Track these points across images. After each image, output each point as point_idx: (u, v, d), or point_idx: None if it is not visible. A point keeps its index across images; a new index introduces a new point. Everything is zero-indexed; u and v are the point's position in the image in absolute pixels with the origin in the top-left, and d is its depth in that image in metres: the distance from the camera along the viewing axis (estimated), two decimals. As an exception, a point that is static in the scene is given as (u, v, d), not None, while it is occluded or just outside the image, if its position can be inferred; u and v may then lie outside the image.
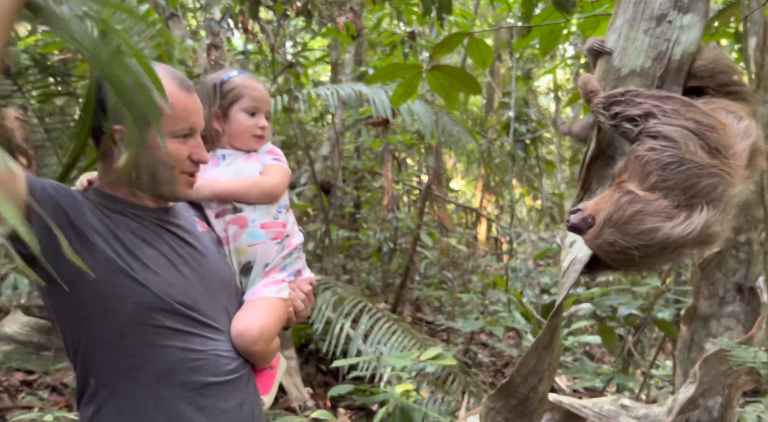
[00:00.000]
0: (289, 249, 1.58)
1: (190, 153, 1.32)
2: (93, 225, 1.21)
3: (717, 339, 1.95)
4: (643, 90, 1.34)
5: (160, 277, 1.25)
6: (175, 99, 1.26)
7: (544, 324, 1.61)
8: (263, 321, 1.41)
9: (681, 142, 1.19)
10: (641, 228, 1.16)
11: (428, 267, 6.97)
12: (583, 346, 5.22)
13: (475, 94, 2.87)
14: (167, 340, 1.24)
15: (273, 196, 1.57)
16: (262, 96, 1.61)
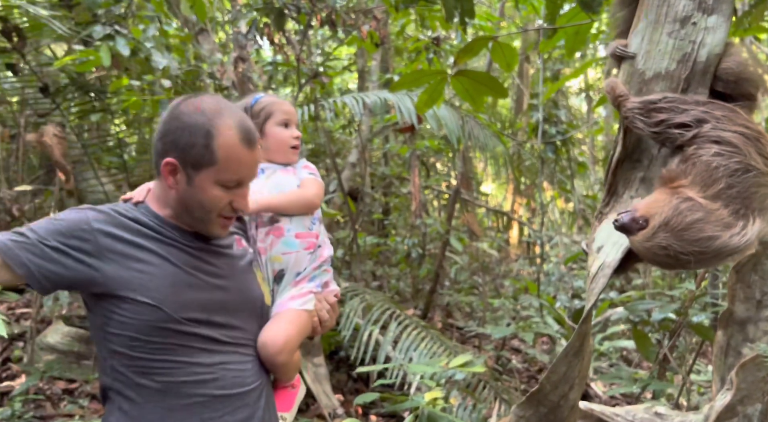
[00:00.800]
0: (320, 260, 1.68)
1: (231, 200, 1.37)
2: (103, 252, 1.29)
3: (754, 344, 1.89)
4: (681, 96, 1.33)
5: (176, 295, 1.31)
6: (233, 151, 1.32)
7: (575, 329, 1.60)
8: (287, 332, 1.49)
9: (743, 148, 1.20)
10: (700, 236, 1.17)
11: (459, 272, 6.93)
12: (619, 351, 5.11)
13: (501, 97, 2.86)
14: (174, 355, 1.31)
15: (312, 207, 1.68)
16: (291, 109, 1.75)
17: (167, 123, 1.35)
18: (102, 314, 1.31)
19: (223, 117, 1.34)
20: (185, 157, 1.32)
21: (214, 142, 1.31)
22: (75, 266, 1.27)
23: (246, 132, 1.36)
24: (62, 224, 1.29)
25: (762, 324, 1.90)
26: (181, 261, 1.36)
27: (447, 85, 2.64)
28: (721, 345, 1.97)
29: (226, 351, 1.38)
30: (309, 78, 4.04)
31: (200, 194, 1.34)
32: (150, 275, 1.30)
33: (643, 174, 1.46)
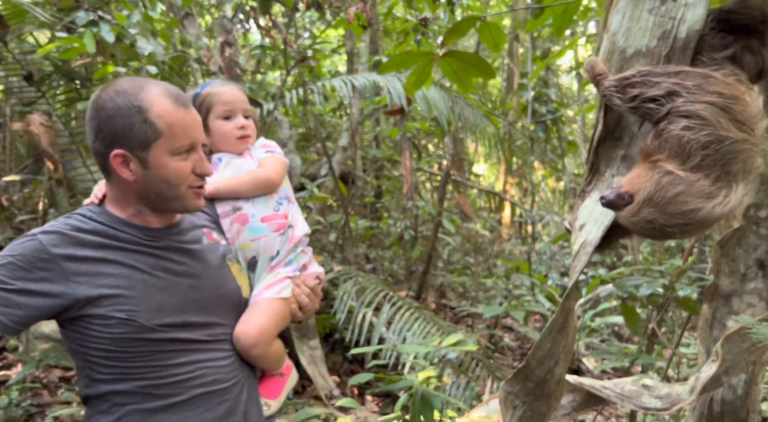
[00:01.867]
0: (293, 241, 1.61)
1: (193, 167, 1.33)
2: (69, 277, 1.24)
3: (739, 317, 1.93)
4: (654, 68, 1.33)
5: (148, 303, 1.29)
6: (172, 117, 1.28)
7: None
8: (260, 325, 1.46)
9: (713, 119, 1.20)
10: (683, 209, 1.18)
11: (452, 253, 6.98)
12: (611, 327, 5.18)
13: (489, 78, 2.85)
14: (151, 360, 1.30)
15: (270, 186, 1.60)
16: (233, 97, 1.64)
17: (94, 119, 1.29)
18: (76, 331, 1.28)
19: (145, 89, 1.29)
20: (129, 141, 1.26)
21: (149, 115, 1.26)
22: (43, 302, 1.22)
23: (175, 95, 1.31)
24: (20, 260, 1.22)
25: (746, 297, 1.94)
26: (149, 266, 1.32)
27: (435, 66, 2.63)
28: (706, 318, 2.01)
29: (205, 350, 1.37)
30: (296, 62, 4.01)
31: (161, 172, 1.29)
32: (120, 288, 1.27)
33: (624, 152, 1.47)
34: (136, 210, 1.35)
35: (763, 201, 1.81)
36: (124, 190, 1.33)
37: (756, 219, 1.84)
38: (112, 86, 1.30)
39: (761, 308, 1.86)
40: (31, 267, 1.22)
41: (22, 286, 1.21)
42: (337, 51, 8.27)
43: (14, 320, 1.21)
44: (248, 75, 6.10)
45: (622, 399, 1.93)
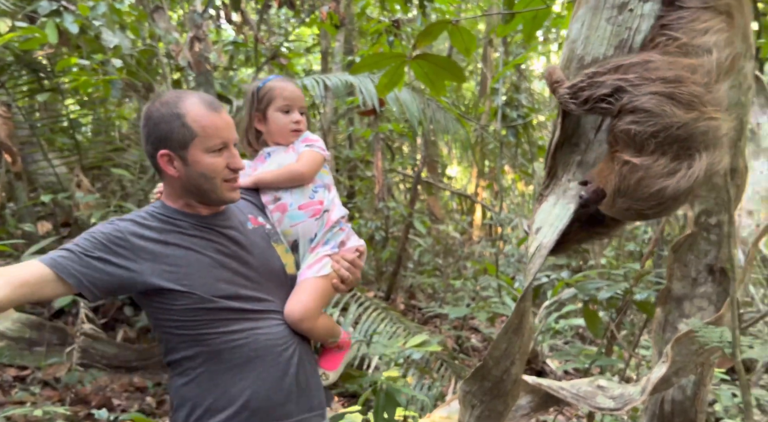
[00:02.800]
0: (329, 223, 1.77)
1: (227, 163, 1.55)
2: (138, 254, 1.50)
3: (689, 320, 1.99)
4: (598, 67, 1.36)
5: (204, 279, 1.52)
6: (205, 120, 1.52)
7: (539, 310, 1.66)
8: (304, 301, 1.65)
9: (657, 110, 1.22)
10: (650, 190, 1.22)
11: (422, 254, 7.02)
12: (574, 329, 5.28)
13: (460, 82, 2.88)
14: (212, 328, 1.53)
15: (301, 178, 1.77)
16: (293, 94, 1.82)
17: (144, 127, 1.55)
18: (150, 306, 1.55)
19: (183, 99, 1.54)
20: (171, 143, 1.51)
21: (186, 119, 1.51)
22: (117, 272, 1.47)
23: (207, 101, 1.56)
24: (100, 236, 1.49)
25: (696, 301, 2.00)
26: (201, 247, 1.55)
27: (408, 68, 2.65)
28: (659, 321, 2.07)
29: (257, 319, 1.58)
30: (267, 59, 3.98)
31: (199, 167, 1.52)
32: (178, 266, 1.51)
33: (580, 157, 1.50)
34: (186, 201, 1.60)
35: (714, 208, 1.87)
36: (173, 185, 1.59)
37: (707, 225, 1.90)
38: (158, 99, 1.56)
39: (710, 312, 1.92)
40: (109, 243, 1.48)
41: (100, 255, 1.46)
42: (312, 50, 8.24)
43: (91, 281, 1.45)
44: (220, 71, 6.03)
45: (577, 399, 1.97)
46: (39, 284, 1.41)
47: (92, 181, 4.51)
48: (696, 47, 1.28)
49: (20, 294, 1.38)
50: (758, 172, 1.87)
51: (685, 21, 1.33)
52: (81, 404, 3.51)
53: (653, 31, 1.38)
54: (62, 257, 1.45)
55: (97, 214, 3.40)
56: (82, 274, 1.45)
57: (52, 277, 1.42)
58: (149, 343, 4.13)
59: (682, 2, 1.36)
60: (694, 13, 1.32)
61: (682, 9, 1.35)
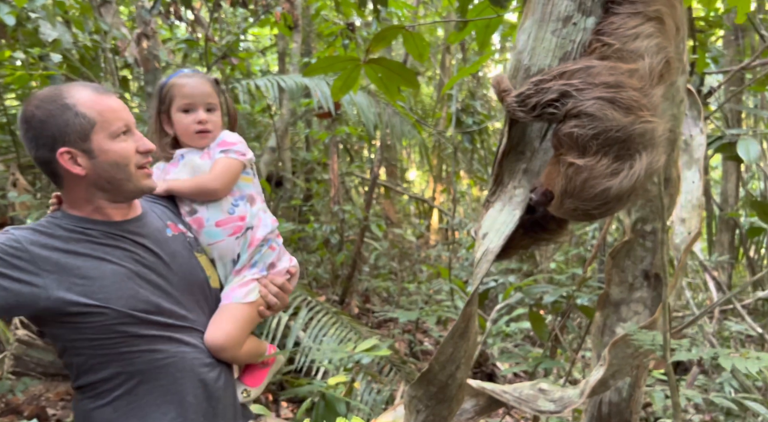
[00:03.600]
0: (254, 243, 1.61)
1: (136, 147, 1.40)
2: (41, 266, 1.30)
3: (626, 324, 2.06)
4: (544, 75, 1.40)
5: (121, 291, 1.36)
6: (99, 104, 1.36)
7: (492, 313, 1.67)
8: (227, 330, 1.51)
9: (599, 114, 1.27)
10: (595, 191, 1.27)
11: (378, 258, 7.03)
12: (524, 332, 5.39)
13: (413, 88, 2.90)
14: (132, 346, 1.37)
15: (213, 193, 1.60)
16: (194, 90, 1.62)
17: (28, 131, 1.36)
18: (56, 326, 1.36)
19: (64, 90, 1.38)
20: (69, 137, 1.34)
21: (78, 108, 1.35)
22: (14, 287, 1.28)
23: (94, 86, 1.41)
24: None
25: (633, 305, 2.08)
26: (116, 257, 1.39)
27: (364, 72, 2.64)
28: (598, 325, 2.14)
29: (180, 336, 1.44)
30: (217, 59, 3.91)
31: (107, 157, 1.36)
32: (91, 278, 1.34)
33: (526, 165, 1.54)
34: (94, 206, 1.42)
35: (649, 216, 1.95)
36: (77, 188, 1.39)
37: (643, 232, 1.98)
38: (32, 99, 1.38)
39: (646, 316, 2.00)
40: (3, 254, 1.28)
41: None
42: (269, 50, 8.14)
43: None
44: (173, 69, 5.87)
45: (519, 402, 2.01)
46: None
47: (33, 180, 4.31)
48: (629, 52, 1.34)
49: None
50: (690, 181, 1.96)
51: (615, 26, 1.39)
52: (12, 414, 3.34)
53: (590, 37, 1.44)
54: None
55: (35, 214, 3.24)
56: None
57: None
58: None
59: (614, 9, 1.42)
60: (624, 19, 1.39)
61: (614, 15, 1.41)
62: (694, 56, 1.90)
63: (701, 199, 1.94)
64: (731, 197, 5.56)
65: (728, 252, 5.59)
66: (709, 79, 2.58)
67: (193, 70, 1.73)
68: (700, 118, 1.95)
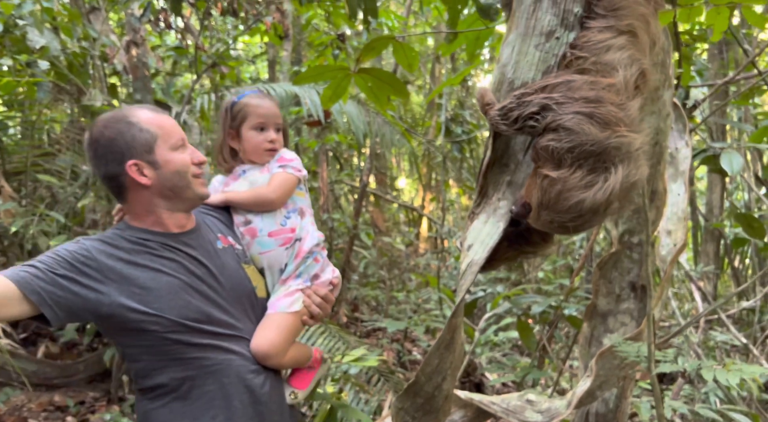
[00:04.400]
0: (301, 254, 1.70)
1: (191, 158, 1.54)
2: (106, 275, 1.43)
3: (613, 335, 2.07)
4: (525, 88, 1.41)
5: (174, 302, 1.47)
6: (158, 120, 1.53)
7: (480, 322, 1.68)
8: (271, 339, 1.60)
9: (577, 128, 1.29)
10: (569, 204, 1.28)
11: (367, 266, 7.02)
12: (512, 342, 5.40)
13: (403, 98, 2.92)
14: (185, 354, 1.48)
15: (270, 204, 1.71)
16: (268, 111, 1.75)
17: (97, 150, 1.50)
18: (117, 332, 1.48)
19: (127, 111, 1.53)
20: (136, 151, 1.49)
21: (141, 124, 1.50)
22: (83, 292, 1.40)
23: (150, 107, 1.58)
24: (65, 254, 1.42)
25: (620, 317, 2.09)
26: (172, 269, 1.51)
27: (353, 81, 2.65)
28: (585, 336, 2.14)
29: (229, 344, 1.54)
30: (207, 67, 3.90)
31: (171, 166, 1.51)
32: (148, 289, 1.45)
33: (510, 177, 1.55)
34: (155, 217, 1.55)
35: (636, 228, 1.97)
36: (142, 199, 1.53)
37: (630, 244, 2.00)
38: (98, 122, 1.53)
39: (632, 327, 2.01)
40: (75, 261, 1.41)
41: (65, 273, 1.39)
42: (259, 58, 8.14)
43: (54, 300, 1.37)
44: (163, 76, 5.85)
45: (507, 413, 2.01)
46: (1, 301, 1.31)
47: (18, 187, 4.26)
48: (603, 64, 1.36)
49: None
50: (676, 193, 1.98)
51: (586, 40, 1.41)
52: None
53: (566, 50, 1.45)
54: (25, 272, 1.36)
55: (20, 222, 3.21)
56: (46, 292, 1.36)
57: (15, 294, 1.33)
58: (74, 359, 3.92)
59: (587, 23, 1.44)
60: (596, 33, 1.41)
61: (587, 29, 1.43)
62: (680, 70, 1.93)
63: (687, 211, 1.96)
64: (716, 208, 5.63)
65: (713, 263, 5.64)
66: (694, 91, 2.62)
67: (261, 91, 1.84)
68: (685, 131, 1.98)
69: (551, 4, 1.48)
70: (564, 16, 1.47)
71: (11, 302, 1.33)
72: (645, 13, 1.43)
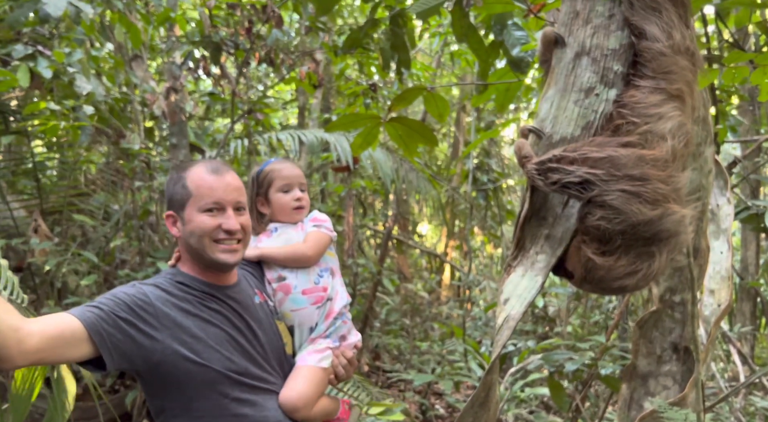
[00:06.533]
0: (332, 314, 1.74)
1: (219, 223, 1.54)
2: (162, 321, 1.45)
3: (654, 398, 1.97)
4: (565, 153, 1.39)
5: (220, 354, 1.49)
6: (201, 181, 1.56)
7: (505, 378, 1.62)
8: (301, 391, 1.61)
9: (625, 208, 1.27)
10: (611, 286, 1.33)
11: (389, 313, 6.91)
12: (539, 398, 5.19)
13: (432, 146, 2.95)
14: (222, 405, 1.48)
15: (306, 260, 1.75)
16: (291, 173, 1.84)
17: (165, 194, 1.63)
18: (157, 380, 1.47)
19: (191, 165, 1.61)
20: (174, 204, 1.57)
21: (186, 181, 1.56)
22: (139, 337, 1.41)
23: (210, 164, 1.60)
24: (125, 298, 1.43)
25: (661, 379, 1.99)
26: (219, 320, 1.54)
27: (382, 128, 2.70)
28: (624, 398, 2.04)
29: (263, 398, 1.55)
30: (243, 113, 4.01)
31: (190, 226, 1.54)
32: (197, 338, 1.47)
33: (548, 231, 1.51)
34: (198, 268, 1.59)
35: (678, 286, 1.90)
36: (181, 245, 1.60)
37: (671, 303, 1.92)
38: (176, 168, 1.68)
39: (675, 391, 1.91)
40: (135, 306, 1.43)
41: (127, 317, 1.40)
42: (290, 104, 8.36)
43: (114, 343, 1.37)
44: (196, 120, 6.03)
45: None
46: (70, 341, 1.31)
47: (52, 225, 4.36)
48: (653, 134, 1.34)
49: (50, 348, 1.26)
50: (718, 251, 1.92)
51: (636, 100, 1.40)
52: (12, 467, 3.22)
53: (612, 109, 1.44)
54: (91, 312, 1.36)
55: (53, 261, 3.26)
56: (108, 334, 1.37)
57: (83, 335, 1.33)
58: (96, 401, 3.87)
59: (636, 82, 1.43)
60: (646, 94, 1.40)
61: (635, 88, 1.41)
62: (718, 126, 1.90)
63: (729, 269, 1.89)
64: (751, 266, 5.44)
65: (749, 322, 5.41)
66: (725, 146, 2.58)
67: (283, 158, 2.03)
68: (726, 188, 1.93)
69: (591, 62, 1.48)
70: (604, 73, 1.47)
71: (79, 343, 1.33)
72: (691, 80, 1.43)
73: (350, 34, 3.08)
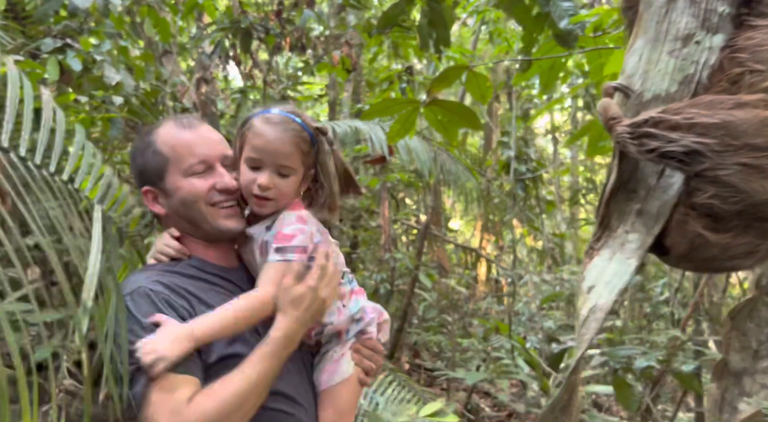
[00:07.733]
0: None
1: (212, 183, 1.29)
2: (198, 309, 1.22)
3: (752, 399, 1.73)
4: (666, 115, 1.17)
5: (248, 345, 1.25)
6: (175, 140, 1.29)
7: (553, 374, 1.42)
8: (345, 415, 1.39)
9: (744, 186, 1.07)
10: (720, 266, 1.19)
11: (427, 309, 6.72)
12: (589, 396, 4.93)
13: (475, 129, 2.76)
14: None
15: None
16: (265, 145, 1.28)
17: (131, 167, 1.37)
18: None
19: (155, 127, 1.35)
20: (148, 177, 1.31)
21: (156, 146, 1.29)
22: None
23: (182, 119, 1.34)
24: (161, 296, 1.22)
25: (759, 377, 1.75)
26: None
27: (419, 115, 2.54)
28: (715, 399, 1.81)
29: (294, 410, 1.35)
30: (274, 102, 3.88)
31: (177, 195, 1.29)
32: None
33: (639, 206, 1.30)
34: (203, 247, 1.34)
35: (779, 270, 1.66)
36: (173, 227, 1.34)
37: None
38: (138, 136, 1.40)
39: (778, 390, 1.67)
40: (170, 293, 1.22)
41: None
42: (320, 100, 8.26)
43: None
44: (227, 118, 5.95)
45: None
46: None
47: (87, 224, 4.30)
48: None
49: None
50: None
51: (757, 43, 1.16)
52: (52, 470, 3.16)
53: (722, 57, 1.21)
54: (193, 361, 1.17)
55: (88, 260, 3.18)
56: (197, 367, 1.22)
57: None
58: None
59: (751, 21, 1.19)
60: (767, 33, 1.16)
61: (754, 29, 1.18)
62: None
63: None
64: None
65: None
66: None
67: (284, 112, 1.34)
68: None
69: (689, 4, 1.26)
70: (705, 16, 1.25)
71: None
72: None
73: (385, 11, 2.90)
